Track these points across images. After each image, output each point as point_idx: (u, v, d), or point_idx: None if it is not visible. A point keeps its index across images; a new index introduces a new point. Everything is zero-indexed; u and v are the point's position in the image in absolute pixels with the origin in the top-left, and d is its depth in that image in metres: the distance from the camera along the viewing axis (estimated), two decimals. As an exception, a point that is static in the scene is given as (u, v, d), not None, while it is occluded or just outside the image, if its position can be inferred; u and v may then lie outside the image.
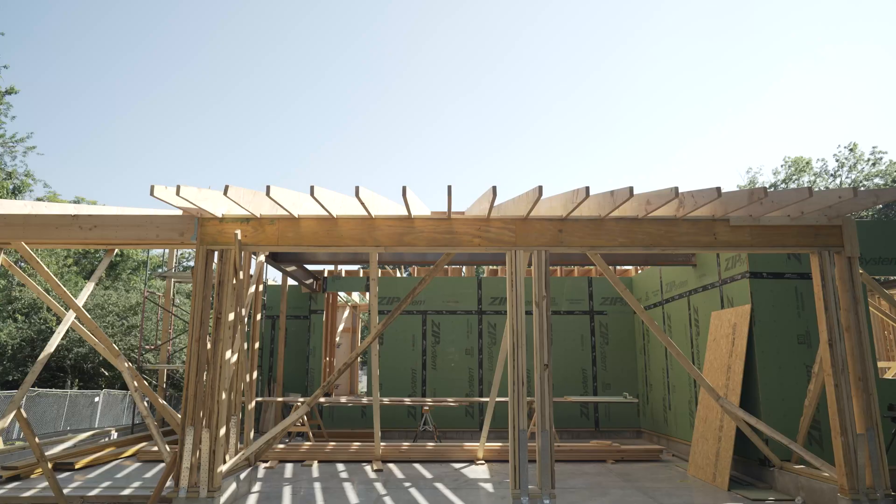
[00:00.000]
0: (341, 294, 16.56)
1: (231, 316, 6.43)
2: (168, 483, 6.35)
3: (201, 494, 5.89)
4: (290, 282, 14.53)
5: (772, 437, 6.86)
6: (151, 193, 5.44)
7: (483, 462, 9.72)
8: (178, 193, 5.45)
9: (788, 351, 8.09)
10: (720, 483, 7.81)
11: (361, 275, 14.57)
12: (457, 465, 9.50)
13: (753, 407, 7.95)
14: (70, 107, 64.19)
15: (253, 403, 8.01)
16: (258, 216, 6.57)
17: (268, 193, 5.50)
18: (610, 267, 14.68)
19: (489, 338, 13.10)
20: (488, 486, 7.99)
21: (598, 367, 13.05)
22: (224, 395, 6.23)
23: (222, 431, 6.13)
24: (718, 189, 5.56)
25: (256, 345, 8.16)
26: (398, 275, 16.43)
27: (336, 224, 6.58)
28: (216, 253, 6.58)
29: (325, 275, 13.80)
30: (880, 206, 30.64)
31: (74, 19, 63.10)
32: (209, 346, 6.36)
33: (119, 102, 68.92)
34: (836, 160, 36.90)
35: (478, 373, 12.95)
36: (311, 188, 5.53)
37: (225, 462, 7.11)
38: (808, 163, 38.01)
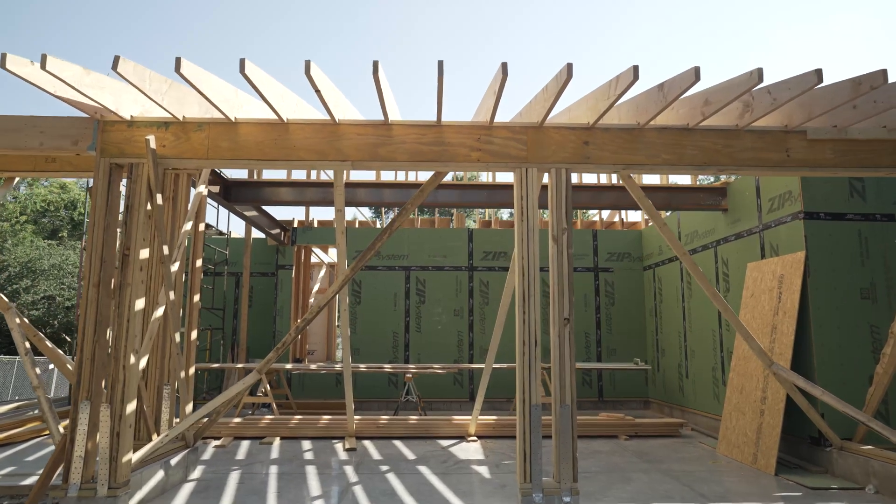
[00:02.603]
0: (318, 252, 14.91)
1: (144, 253, 4.78)
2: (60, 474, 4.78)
3: (100, 492, 4.33)
4: (257, 235, 12.86)
5: (844, 411, 5.45)
6: (2, 65, 3.72)
7: (475, 438, 8.29)
8: (43, 67, 3.73)
9: (849, 307, 6.66)
10: (764, 466, 6.44)
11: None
12: (444, 443, 8.05)
13: (805, 374, 6.54)
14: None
15: (192, 370, 6.44)
16: (181, 119, 4.86)
17: (178, 69, 3.80)
18: (616, 220, 13.20)
19: (481, 297, 11.59)
20: (483, 471, 6.54)
21: (602, 331, 11.63)
22: (134, 359, 4.62)
23: (130, 407, 4.54)
24: (818, 73, 3.97)
25: (196, 297, 6.54)
26: (378, 225, 14.78)
27: (287, 131, 4.90)
28: (126, 171, 4.89)
29: (295, 225, 12.11)
30: None
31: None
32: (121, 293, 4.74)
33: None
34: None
35: (468, 336, 11.47)
36: (242, 62, 3.83)
37: (150, 440, 5.57)
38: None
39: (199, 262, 6.62)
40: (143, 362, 5.05)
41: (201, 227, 6.68)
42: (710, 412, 8.91)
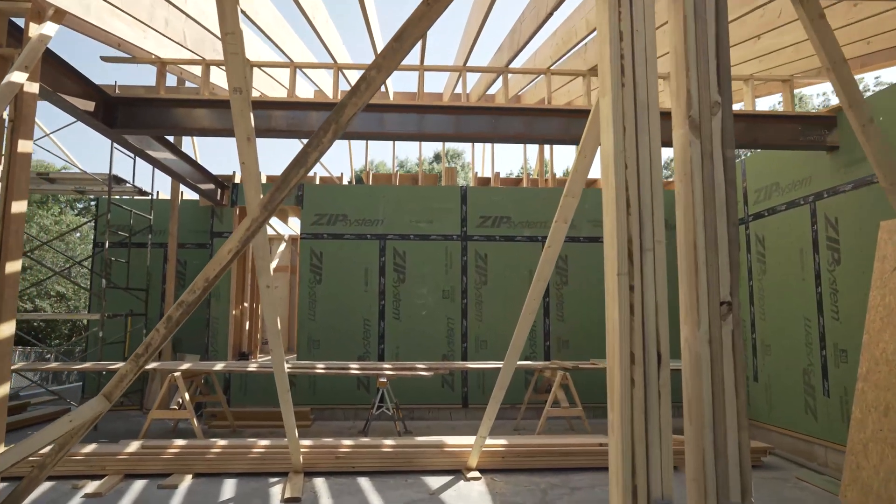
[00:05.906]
0: (275, 222, 12.17)
1: None
2: None
3: None
4: (189, 196, 10.10)
5: None
6: None
7: (478, 474, 5.72)
8: None
9: None
10: (951, 538, 3.98)
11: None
12: (433, 482, 5.49)
13: None
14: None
15: (4, 389, 3.77)
16: None
17: None
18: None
19: (477, 274, 8.99)
20: (500, 550, 3.99)
21: (631, 318, 9.11)
22: None
23: None
24: None
25: (16, 266, 3.86)
26: (343, 181, 12.07)
27: None
28: None
29: (236, 180, 9.35)
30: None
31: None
32: None
33: None
34: None
35: (460, 324, 8.89)
36: None
37: None
38: None
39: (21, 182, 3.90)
40: None
41: (27, 146, 3.94)
42: (799, 431, 6.48)
